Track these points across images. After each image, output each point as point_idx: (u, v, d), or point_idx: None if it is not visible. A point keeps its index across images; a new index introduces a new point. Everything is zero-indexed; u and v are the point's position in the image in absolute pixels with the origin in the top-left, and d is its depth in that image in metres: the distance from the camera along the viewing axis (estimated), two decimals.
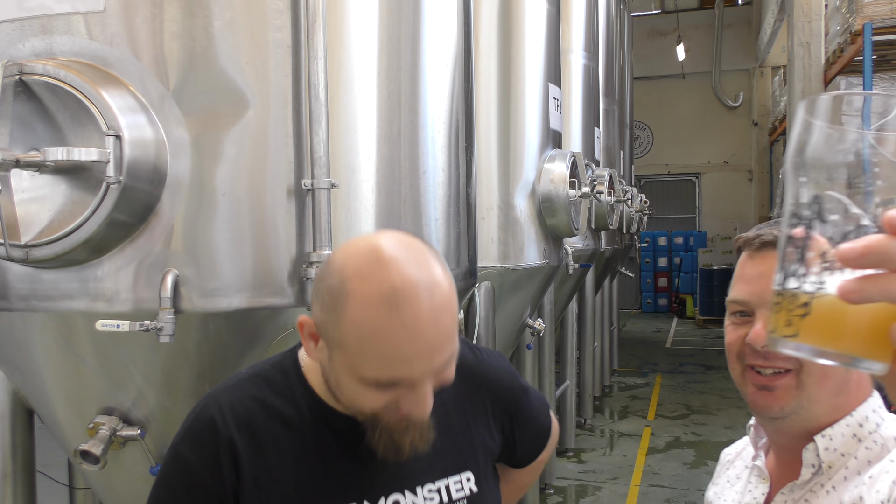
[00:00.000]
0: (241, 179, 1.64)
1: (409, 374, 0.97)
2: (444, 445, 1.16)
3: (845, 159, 0.53)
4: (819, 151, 0.54)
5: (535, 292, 3.56)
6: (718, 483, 1.24)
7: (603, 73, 6.50)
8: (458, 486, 1.17)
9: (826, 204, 0.54)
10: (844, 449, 0.98)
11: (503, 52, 3.32)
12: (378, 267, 0.95)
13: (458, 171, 2.16)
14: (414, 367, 0.97)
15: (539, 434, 1.39)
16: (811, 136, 0.55)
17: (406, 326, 0.94)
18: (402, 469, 1.12)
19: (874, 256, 0.50)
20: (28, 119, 1.51)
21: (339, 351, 0.99)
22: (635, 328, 13.40)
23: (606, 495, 5.11)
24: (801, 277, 0.54)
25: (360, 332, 0.95)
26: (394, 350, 0.95)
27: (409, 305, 0.94)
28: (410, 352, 0.95)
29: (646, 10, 15.66)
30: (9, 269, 1.65)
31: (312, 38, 1.64)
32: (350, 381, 1.00)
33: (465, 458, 1.20)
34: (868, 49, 6.59)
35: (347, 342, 0.96)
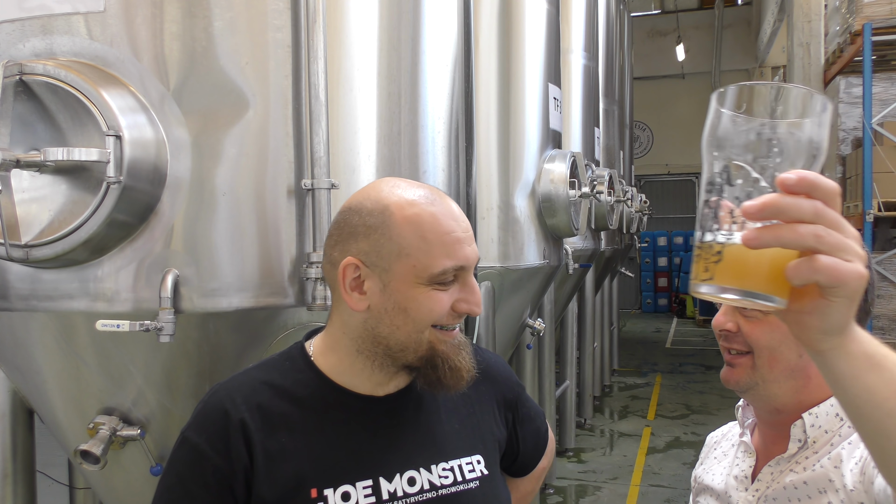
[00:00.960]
0: (241, 179, 1.64)
1: (464, 257, 1.07)
2: (454, 427, 1.20)
3: (747, 138, 0.65)
4: (726, 132, 0.66)
5: (535, 292, 3.56)
6: (706, 462, 1.34)
7: (603, 73, 6.50)
8: (470, 467, 1.18)
9: (733, 172, 0.66)
10: (828, 426, 1.11)
11: (503, 52, 3.32)
12: (402, 182, 1.12)
13: (458, 171, 2.16)
14: (466, 250, 1.08)
15: (538, 436, 1.40)
16: (720, 121, 0.67)
17: (449, 214, 1.09)
18: (417, 446, 1.14)
19: (769, 210, 0.62)
20: (28, 119, 1.51)
21: (400, 261, 1.06)
22: (635, 328, 13.40)
23: (606, 495, 5.11)
24: (715, 231, 0.66)
25: (417, 227, 1.06)
26: (450, 233, 1.07)
27: (443, 199, 1.10)
28: (461, 235, 1.08)
29: (646, 10, 15.67)
30: (9, 269, 1.65)
31: (312, 38, 1.64)
32: (417, 290, 1.06)
33: (474, 441, 1.21)
34: (868, 49, 6.60)
35: (408, 242, 1.06)
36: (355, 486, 1.09)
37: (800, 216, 0.62)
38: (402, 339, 1.09)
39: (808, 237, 0.62)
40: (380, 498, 1.09)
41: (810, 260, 0.62)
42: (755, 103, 0.66)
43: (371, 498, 1.08)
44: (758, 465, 1.19)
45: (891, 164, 6.69)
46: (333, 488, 1.08)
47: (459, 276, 1.09)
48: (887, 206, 6.65)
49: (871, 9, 6.67)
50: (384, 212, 1.08)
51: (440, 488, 1.13)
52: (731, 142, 0.66)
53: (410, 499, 1.11)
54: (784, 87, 0.66)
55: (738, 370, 1.13)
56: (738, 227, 0.65)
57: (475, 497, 1.16)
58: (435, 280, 1.06)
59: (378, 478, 1.10)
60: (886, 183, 6.67)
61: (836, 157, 7.61)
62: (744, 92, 0.67)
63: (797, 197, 0.62)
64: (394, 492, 1.10)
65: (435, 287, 1.07)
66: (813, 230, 0.62)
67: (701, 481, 1.31)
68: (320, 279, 1.64)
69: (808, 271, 0.62)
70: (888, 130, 6.76)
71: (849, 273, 0.62)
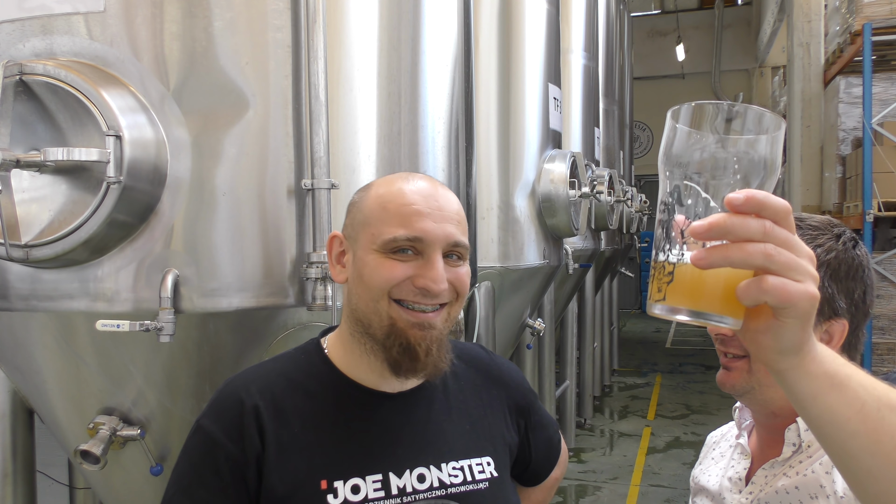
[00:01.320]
0: (241, 179, 1.64)
1: (423, 232, 1.07)
2: (464, 428, 1.20)
3: (700, 155, 0.65)
4: (680, 149, 0.66)
5: (535, 292, 3.56)
6: (704, 463, 1.34)
7: (603, 73, 6.50)
8: (480, 468, 1.18)
9: (682, 191, 0.66)
10: None
11: (503, 52, 3.32)
12: (410, 174, 1.17)
13: (458, 171, 2.16)
14: (427, 225, 1.08)
15: (551, 445, 1.39)
16: (675, 137, 0.67)
17: (419, 191, 1.10)
18: (427, 444, 1.15)
19: (716, 230, 0.61)
20: (28, 119, 1.51)
21: (364, 230, 1.10)
22: (635, 328, 13.40)
23: (606, 495, 5.11)
24: (667, 251, 0.67)
25: (381, 199, 1.11)
26: (410, 205, 1.08)
27: (422, 179, 1.14)
28: (423, 209, 1.08)
29: (646, 10, 15.67)
30: (9, 269, 1.65)
31: (312, 38, 1.64)
32: (372, 257, 1.09)
33: (484, 443, 1.21)
34: (867, 49, 6.60)
35: (371, 212, 1.11)
36: (365, 480, 1.09)
37: (748, 235, 0.61)
38: (363, 308, 1.10)
39: (756, 256, 0.61)
40: (389, 493, 1.09)
41: (759, 280, 0.62)
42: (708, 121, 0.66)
43: (381, 492, 1.09)
44: (753, 467, 1.18)
45: (891, 164, 6.70)
46: (343, 480, 1.08)
47: (423, 251, 1.08)
48: (887, 206, 6.65)
49: (871, 9, 6.67)
50: (367, 190, 1.15)
51: (449, 487, 1.13)
52: (684, 159, 0.66)
53: (420, 495, 1.11)
54: (738, 106, 0.66)
55: (735, 374, 1.12)
56: (689, 246, 0.65)
57: (484, 498, 1.16)
58: (387, 247, 1.08)
59: (388, 473, 1.11)
60: (886, 183, 6.67)
61: (836, 157, 7.60)
62: (698, 110, 0.66)
63: (745, 217, 0.61)
64: (403, 487, 1.10)
65: (388, 255, 1.08)
66: (762, 249, 0.61)
67: (697, 482, 1.31)
68: (320, 279, 1.64)
69: (756, 291, 0.62)
70: (888, 130, 6.76)
71: (798, 293, 0.62)
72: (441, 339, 1.11)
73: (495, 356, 1.36)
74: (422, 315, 1.09)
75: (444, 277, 1.08)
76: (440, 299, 1.10)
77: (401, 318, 1.08)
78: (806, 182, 8.81)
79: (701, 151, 0.65)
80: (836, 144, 7.57)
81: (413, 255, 1.08)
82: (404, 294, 1.08)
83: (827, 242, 1.08)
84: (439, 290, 1.08)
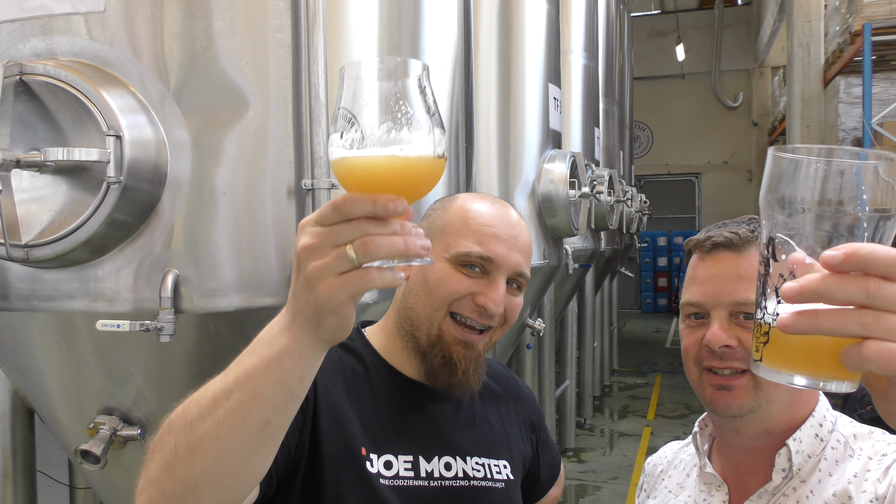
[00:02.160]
0: (241, 179, 1.64)
1: (495, 253, 1.13)
2: (486, 431, 1.25)
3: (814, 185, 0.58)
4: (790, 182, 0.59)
5: (534, 292, 3.57)
6: (657, 495, 1.22)
7: (603, 73, 6.50)
8: (498, 469, 1.22)
9: (778, 245, 0.60)
10: (811, 450, 1.01)
11: (503, 52, 3.32)
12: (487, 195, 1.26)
13: (458, 171, 2.16)
14: (500, 249, 1.13)
15: (553, 465, 1.44)
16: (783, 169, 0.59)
17: (500, 216, 1.17)
18: (455, 437, 1.19)
19: (808, 294, 0.55)
20: (29, 119, 1.51)
21: (440, 237, 1.15)
22: (635, 328, 13.40)
23: (606, 495, 5.10)
24: (763, 309, 0.61)
25: (465, 213, 1.17)
26: (489, 227, 1.14)
27: (504, 206, 1.21)
28: (501, 233, 1.14)
29: (646, 10, 15.67)
30: (9, 269, 1.65)
31: (312, 38, 1.65)
32: (442, 265, 1.13)
33: (501, 447, 1.26)
34: (867, 49, 6.60)
35: (452, 222, 1.16)
36: (397, 458, 1.12)
37: (846, 300, 0.54)
38: (420, 311, 1.14)
39: (850, 325, 0.54)
40: (418, 474, 1.13)
41: (860, 347, 0.54)
42: None
43: (410, 472, 1.12)
44: (732, 498, 1.07)
45: None
46: (378, 454, 1.11)
47: (490, 271, 1.13)
48: None
49: (871, 9, 6.67)
50: (451, 201, 1.22)
51: (472, 479, 1.18)
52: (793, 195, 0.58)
53: (445, 482, 1.15)
54: None
55: (739, 393, 1.00)
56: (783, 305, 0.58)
57: (501, 496, 1.20)
58: (459, 259, 1.13)
59: (418, 456, 1.14)
60: None
61: None
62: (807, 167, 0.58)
63: (845, 276, 0.54)
64: (431, 472, 1.14)
65: (458, 268, 1.13)
66: (858, 319, 0.54)
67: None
68: None
69: (857, 359, 0.55)
70: (888, 130, 6.77)
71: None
72: (479, 360, 1.16)
73: (512, 375, 1.43)
74: (469, 334, 1.14)
75: (503, 301, 1.13)
76: (492, 322, 1.14)
77: (449, 333, 1.13)
78: None
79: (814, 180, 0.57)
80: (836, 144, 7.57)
81: (480, 273, 1.13)
82: (463, 309, 1.13)
83: None
84: (497, 311, 1.13)
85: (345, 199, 0.67)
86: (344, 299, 0.69)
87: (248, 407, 0.75)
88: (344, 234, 0.67)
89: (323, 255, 0.68)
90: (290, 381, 0.75)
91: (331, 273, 0.68)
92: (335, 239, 0.67)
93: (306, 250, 0.69)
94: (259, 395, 0.75)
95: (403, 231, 0.68)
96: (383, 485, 1.09)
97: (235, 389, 0.76)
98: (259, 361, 0.77)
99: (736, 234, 1.03)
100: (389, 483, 1.09)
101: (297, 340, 0.74)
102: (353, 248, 0.66)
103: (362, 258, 0.66)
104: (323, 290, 0.68)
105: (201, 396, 0.79)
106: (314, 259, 0.68)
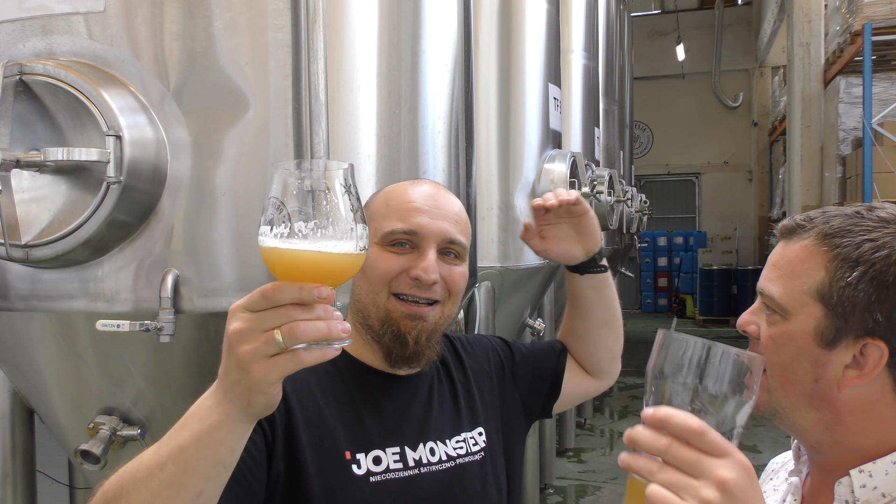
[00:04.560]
0: (241, 179, 1.64)
1: (418, 226, 1.15)
2: (460, 404, 1.29)
3: None
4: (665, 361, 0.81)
5: (535, 292, 3.56)
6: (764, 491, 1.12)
7: (603, 73, 6.49)
8: (474, 440, 1.27)
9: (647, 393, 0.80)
10: (888, 489, 0.86)
11: (503, 52, 3.32)
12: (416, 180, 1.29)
13: (458, 171, 2.16)
14: (422, 220, 1.16)
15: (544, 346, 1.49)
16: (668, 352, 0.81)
17: (420, 192, 1.20)
18: (433, 420, 1.24)
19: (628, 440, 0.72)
20: (28, 119, 1.51)
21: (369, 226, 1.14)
22: (635, 328, 13.40)
23: (606, 495, 5.10)
24: None
25: (385, 196, 1.22)
26: (408, 202, 1.18)
27: (425, 183, 1.25)
28: (421, 205, 1.17)
29: (646, 10, 15.66)
30: (9, 269, 1.65)
31: (312, 38, 1.64)
32: (373, 250, 1.15)
33: (475, 416, 1.30)
34: (868, 49, 6.60)
35: (376, 208, 1.20)
36: (385, 452, 1.15)
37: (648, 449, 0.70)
38: (364, 299, 1.18)
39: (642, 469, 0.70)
40: (406, 464, 1.16)
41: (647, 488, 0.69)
42: None
43: (399, 464, 1.15)
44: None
45: (891, 164, 6.69)
46: (365, 453, 1.14)
47: (418, 244, 1.16)
48: None
49: (871, 9, 6.67)
50: (379, 191, 1.26)
51: (456, 458, 1.21)
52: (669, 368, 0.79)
53: (433, 467, 1.18)
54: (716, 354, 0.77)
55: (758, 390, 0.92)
56: None
57: (481, 467, 1.25)
58: (386, 240, 1.16)
59: (404, 446, 1.17)
60: (886, 183, 6.67)
61: (837, 157, 7.60)
62: None
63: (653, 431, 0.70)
64: (419, 459, 1.17)
65: (387, 248, 1.16)
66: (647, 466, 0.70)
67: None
68: None
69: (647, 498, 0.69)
70: (888, 130, 6.76)
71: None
72: (431, 332, 1.18)
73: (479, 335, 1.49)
74: (415, 307, 1.16)
75: (435, 269, 1.15)
76: (432, 294, 1.16)
77: (395, 309, 1.16)
78: (806, 182, 8.80)
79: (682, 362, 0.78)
80: (836, 144, 7.57)
81: (409, 248, 1.16)
82: (401, 287, 1.15)
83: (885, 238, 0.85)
84: (429, 279, 1.14)
85: (273, 288, 0.72)
86: (275, 380, 0.74)
87: (182, 479, 0.80)
88: (272, 320, 0.72)
89: (253, 339, 0.73)
90: (222, 454, 0.80)
91: (261, 356, 0.72)
92: (264, 324, 0.72)
93: (237, 334, 0.74)
94: (192, 467, 0.80)
95: (326, 315, 0.73)
96: (374, 483, 1.11)
97: (168, 462, 0.80)
98: (191, 436, 0.81)
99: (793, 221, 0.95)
100: (380, 479, 1.12)
101: (227, 416, 0.79)
102: (281, 333, 0.71)
103: (289, 342, 0.71)
104: (255, 372, 0.73)
105: (135, 468, 0.83)
106: (245, 343, 0.73)
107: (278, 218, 0.74)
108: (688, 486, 0.67)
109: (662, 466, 0.68)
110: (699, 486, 0.67)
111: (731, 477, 0.67)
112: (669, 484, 0.67)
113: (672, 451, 0.68)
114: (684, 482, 0.67)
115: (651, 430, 0.70)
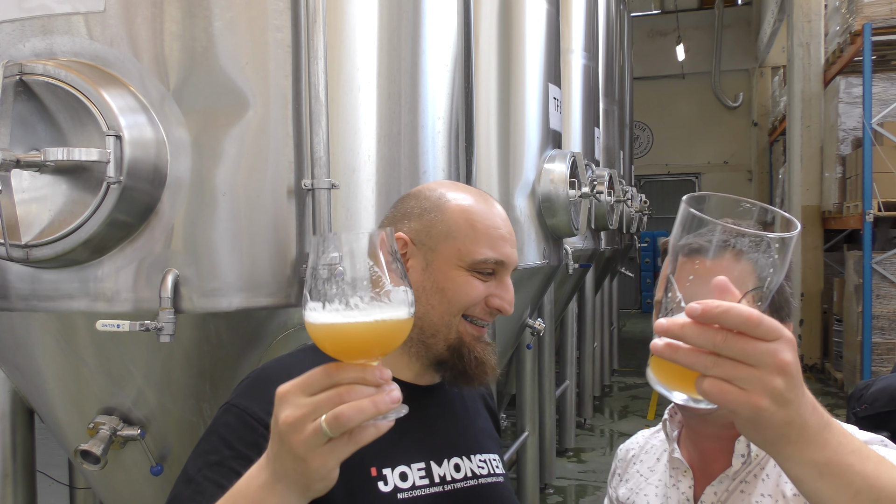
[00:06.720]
0: (241, 179, 1.64)
1: (505, 254, 1.14)
2: (480, 426, 1.27)
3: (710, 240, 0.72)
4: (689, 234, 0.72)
5: (535, 292, 3.56)
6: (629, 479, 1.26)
7: (603, 73, 6.50)
8: (496, 463, 1.24)
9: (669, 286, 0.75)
10: None
11: (503, 52, 3.32)
12: (457, 183, 1.23)
13: (458, 171, 2.16)
14: (508, 251, 1.15)
15: None
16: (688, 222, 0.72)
17: (499, 215, 1.17)
18: (458, 436, 1.21)
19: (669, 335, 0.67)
20: (28, 119, 1.51)
21: (447, 242, 1.13)
22: (635, 328, 13.40)
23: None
24: None
25: (468, 215, 1.14)
26: (496, 229, 1.15)
27: (491, 201, 1.20)
28: (506, 234, 1.16)
29: (646, 10, 15.66)
30: (9, 269, 1.65)
31: (312, 38, 1.64)
32: (457, 273, 1.13)
33: (490, 443, 1.27)
34: (867, 49, 6.60)
35: (457, 227, 1.14)
36: (411, 468, 1.11)
37: (698, 345, 0.66)
38: (434, 320, 1.13)
39: (697, 364, 0.66)
40: (432, 480, 1.12)
41: (699, 380, 0.66)
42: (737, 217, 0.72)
43: (425, 479, 1.12)
44: (696, 482, 1.12)
45: (891, 164, 6.69)
46: (391, 468, 1.10)
47: (498, 272, 1.15)
48: (887, 206, 6.65)
49: (871, 9, 6.67)
50: (440, 198, 1.17)
51: (479, 477, 1.18)
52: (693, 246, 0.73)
53: (457, 484, 1.15)
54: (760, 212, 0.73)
55: None
56: None
57: (504, 490, 1.22)
58: (475, 267, 1.13)
59: (430, 462, 1.14)
60: (886, 183, 6.67)
61: (836, 157, 7.60)
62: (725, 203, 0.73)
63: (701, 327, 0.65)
64: (444, 476, 1.14)
65: (473, 274, 1.13)
66: (702, 361, 0.65)
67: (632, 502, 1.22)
68: None
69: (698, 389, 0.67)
70: (888, 130, 6.76)
71: (736, 402, 0.65)
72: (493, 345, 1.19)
73: None
74: (484, 330, 1.16)
75: (513, 298, 1.17)
76: None
77: (467, 333, 1.14)
78: (806, 182, 8.81)
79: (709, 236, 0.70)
80: (836, 144, 7.57)
81: (491, 275, 1.15)
82: (478, 312, 1.14)
83: None
84: (511, 312, 1.16)
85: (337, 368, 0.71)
86: (333, 467, 0.73)
87: None
88: (325, 406, 0.70)
89: (303, 429, 0.71)
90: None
91: (315, 446, 0.71)
92: (316, 412, 0.71)
93: (288, 425, 0.72)
94: None
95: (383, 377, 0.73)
96: (402, 500, 1.07)
97: None
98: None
99: None
100: (408, 496, 1.08)
101: (283, 500, 0.77)
102: (326, 423, 0.70)
103: (335, 431, 0.70)
104: (313, 463, 0.72)
105: None
106: (296, 433, 0.71)
107: (328, 292, 0.71)
108: (749, 376, 0.64)
109: (717, 360, 0.65)
110: (761, 376, 0.64)
111: (790, 360, 0.65)
112: (730, 377, 0.64)
113: (730, 345, 0.64)
114: (745, 373, 0.64)
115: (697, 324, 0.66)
